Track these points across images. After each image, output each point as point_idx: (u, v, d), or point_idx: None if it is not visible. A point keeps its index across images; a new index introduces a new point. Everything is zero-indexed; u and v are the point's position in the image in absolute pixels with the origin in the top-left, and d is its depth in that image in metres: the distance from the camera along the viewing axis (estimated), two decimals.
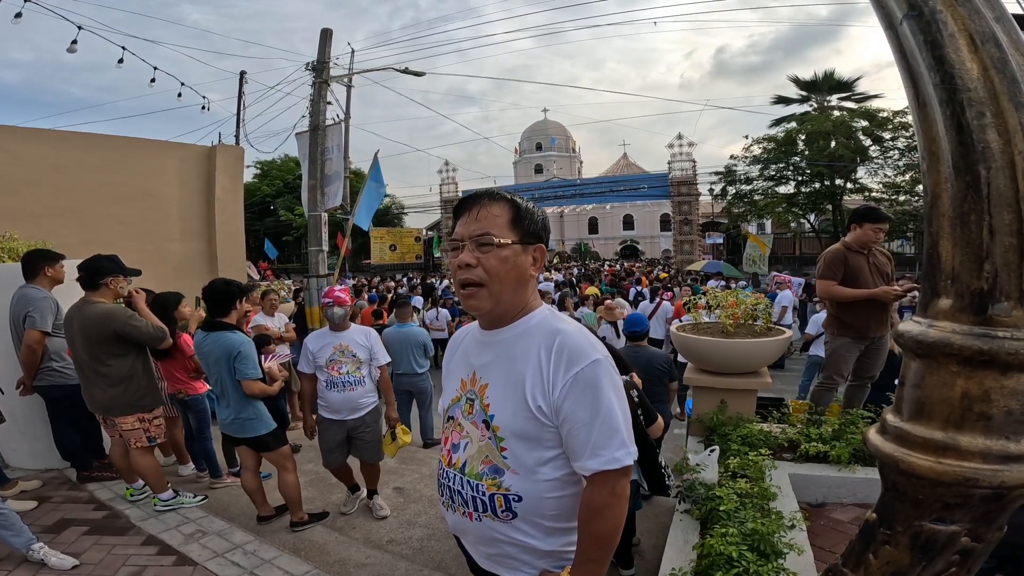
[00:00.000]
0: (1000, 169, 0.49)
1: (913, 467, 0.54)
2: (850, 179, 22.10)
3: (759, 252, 14.48)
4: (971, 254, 0.50)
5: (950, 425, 0.52)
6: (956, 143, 0.51)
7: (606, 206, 38.73)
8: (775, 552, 2.09)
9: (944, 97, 0.52)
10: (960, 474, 0.51)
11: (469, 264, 1.20)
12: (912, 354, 0.55)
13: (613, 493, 1.18)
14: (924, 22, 0.54)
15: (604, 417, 1.15)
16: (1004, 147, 0.49)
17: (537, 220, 1.27)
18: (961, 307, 0.51)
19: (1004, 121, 0.49)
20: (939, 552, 0.61)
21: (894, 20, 0.57)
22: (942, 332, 0.52)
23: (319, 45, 9.79)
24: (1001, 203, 0.48)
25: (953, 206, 0.51)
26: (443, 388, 1.44)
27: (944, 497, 0.55)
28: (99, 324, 3.32)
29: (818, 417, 3.63)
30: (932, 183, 0.53)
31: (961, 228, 0.51)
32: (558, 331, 1.21)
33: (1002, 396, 0.50)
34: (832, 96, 23.83)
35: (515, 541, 1.25)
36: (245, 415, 3.35)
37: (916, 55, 0.54)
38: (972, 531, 0.59)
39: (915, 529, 0.60)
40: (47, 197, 6.32)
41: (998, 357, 0.49)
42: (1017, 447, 0.50)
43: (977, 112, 0.50)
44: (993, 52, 0.51)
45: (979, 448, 0.51)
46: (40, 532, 2.98)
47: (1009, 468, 0.51)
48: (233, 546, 3.03)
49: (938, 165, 0.52)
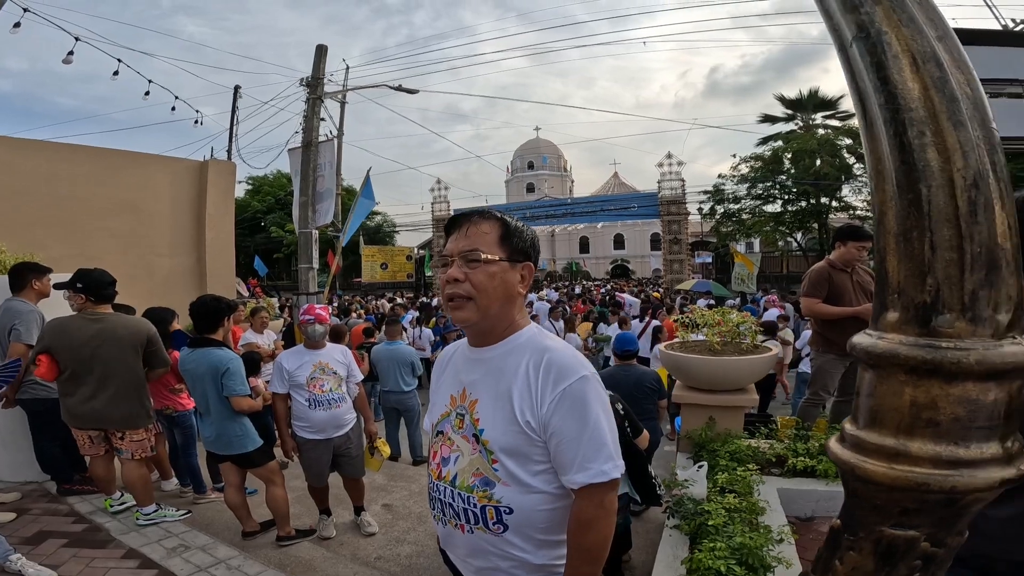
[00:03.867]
0: (940, 187, 0.51)
1: (869, 473, 0.56)
2: (835, 197, 22.44)
3: (747, 271, 14.63)
4: (915, 269, 0.53)
5: (901, 432, 0.54)
6: (899, 162, 0.54)
7: (597, 225, 39.02)
8: (764, 566, 2.10)
9: (888, 117, 0.55)
10: (912, 479, 0.53)
11: (457, 279, 1.23)
12: (864, 365, 0.58)
13: (601, 506, 1.20)
14: (871, 44, 0.57)
15: (591, 432, 1.18)
16: (943, 165, 0.52)
17: (526, 239, 1.30)
18: (907, 320, 0.54)
19: (943, 140, 0.52)
20: (901, 557, 0.62)
21: (845, 43, 0.61)
22: (890, 344, 0.54)
23: (314, 61, 9.91)
24: (941, 219, 0.51)
25: (897, 223, 0.54)
26: (431, 404, 1.45)
27: (900, 502, 0.57)
28: (136, 331, 3.41)
29: (805, 432, 3.66)
30: (879, 201, 0.56)
31: (905, 244, 0.53)
32: (546, 348, 1.24)
33: (948, 403, 0.52)
34: (817, 114, 24.27)
35: (506, 554, 1.25)
36: (232, 432, 3.33)
37: (864, 76, 0.57)
38: (931, 536, 0.61)
39: (876, 535, 0.61)
40: (36, 208, 6.29)
41: (942, 366, 0.51)
42: (966, 452, 0.53)
43: (918, 131, 0.53)
44: (934, 72, 0.53)
45: (929, 454, 0.53)
46: (18, 544, 2.94)
47: (959, 473, 0.53)
48: (217, 561, 2.99)
49: (883, 184, 0.55)
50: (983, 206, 0.52)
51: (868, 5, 0.57)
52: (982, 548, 1.26)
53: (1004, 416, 0.54)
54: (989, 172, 0.52)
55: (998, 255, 0.52)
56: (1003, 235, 0.52)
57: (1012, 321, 0.53)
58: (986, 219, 0.52)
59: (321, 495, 3.74)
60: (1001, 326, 0.53)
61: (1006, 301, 0.53)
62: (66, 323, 3.37)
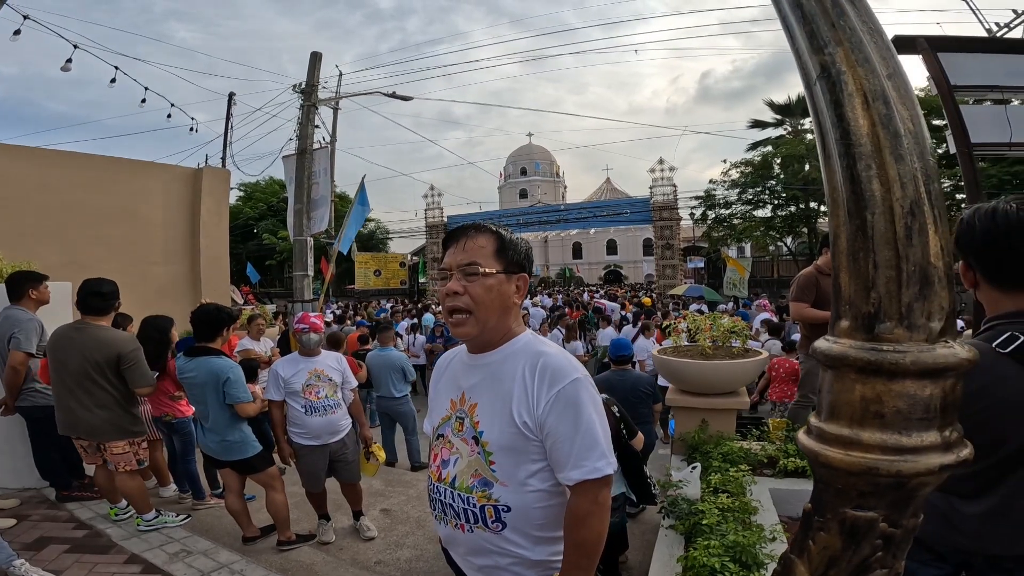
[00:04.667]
0: (882, 214, 0.60)
1: (829, 459, 0.65)
2: (824, 202, 22.69)
3: (739, 275, 14.78)
4: (861, 284, 0.62)
5: (854, 423, 0.63)
6: (850, 192, 0.62)
7: (590, 231, 39.19)
8: (757, 563, 2.17)
9: (842, 151, 0.63)
10: (864, 464, 0.62)
11: (456, 292, 1.30)
12: (824, 366, 0.67)
13: (596, 501, 1.26)
14: (831, 82, 0.65)
15: (585, 431, 1.24)
16: (885, 195, 0.60)
17: (520, 251, 1.38)
18: (856, 327, 0.63)
19: (886, 172, 0.60)
20: (863, 536, 0.69)
21: (810, 81, 0.69)
22: (843, 347, 0.63)
23: (308, 68, 9.97)
24: (882, 242, 0.60)
25: (847, 244, 0.63)
26: (430, 408, 1.52)
27: (857, 485, 0.65)
28: (105, 348, 3.34)
29: (796, 434, 3.74)
30: (833, 225, 0.65)
31: (854, 263, 0.62)
32: (541, 353, 1.32)
33: (891, 398, 0.61)
34: (805, 119, 24.60)
35: (505, 551, 1.31)
36: (232, 438, 3.38)
37: (823, 113, 0.65)
38: (888, 518, 0.68)
39: (841, 516, 0.69)
40: (28, 216, 6.26)
41: (883, 366, 0.60)
42: (908, 440, 0.61)
43: (865, 164, 0.61)
44: (881, 109, 0.61)
45: (877, 441, 0.61)
46: (20, 549, 2.98)
47: (904, 459, 0.61)
48: (219, 565, 3.04)
49: (837, 210, 0.64)
50: (918, 231, 0.60)
51: (831, 47, 0.65)
52: (959, 544, 1.34)
53: (940, 409, 0.62)
54: (924, 200, 0.61)
55: (931, 272, 0.61)
56: (935, 255, 0.61)
57: (944, 328, 0.62)
58: (920, 242, 0.61)
59: (319, 500, 3.78)
60: (934, 332, 0.61)
61: (939, 311, 0.61)
62: (58, 331, 3.44)
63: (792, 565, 0.75)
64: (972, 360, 0.62)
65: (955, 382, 0.63)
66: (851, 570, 0.69)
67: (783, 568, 0.77)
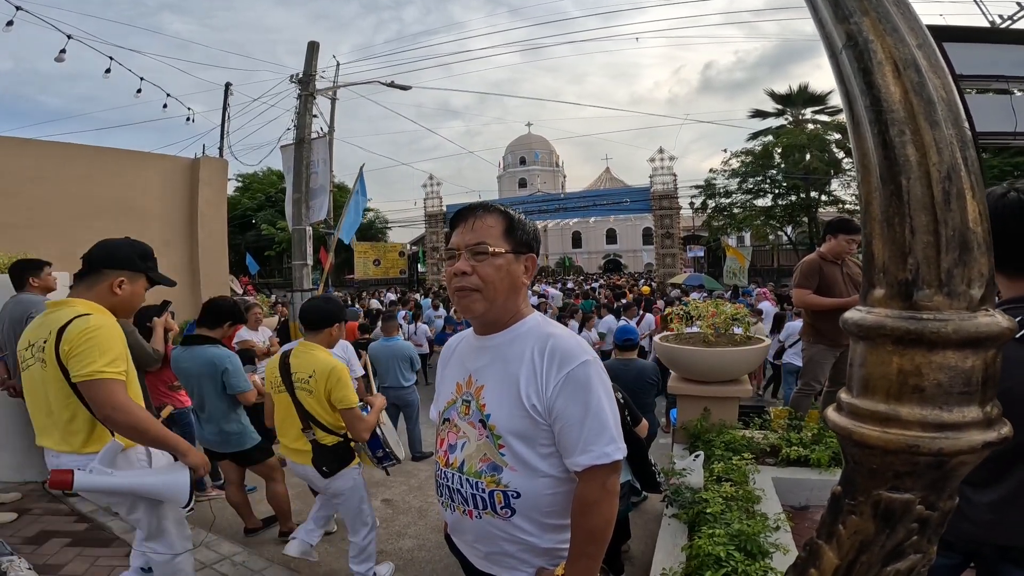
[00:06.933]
0: (918, 179, 0.58)
1: (864, 437, 0.61)
2: (824, 191, 22.68)
3: (739, 264, 14.75)
4: (897, 251, 0.59)
5: (891, 398, 0.60)
6: (882, 157, 0.60)
7: (589, 220, 39.15)
8: (761, 552, 2.15)
9: (872, 117, 0.61)
10: (903, 442, 0.59)
11: (465, 272, 1.26)
12: (855, 337, 0.64)
13: (604, 488, 1.24)
14: (859, 51, 0.63)
15: (594, 414, 1.22)
16: (921, 160, 0.58)
17: (529, 231, 1.35)
18: (891, 295, 0.60)
19: (921, 138, 0.58)
20: (899, 520, 0.66)
21: (836, 50, 0.66)
22: (878, 317, 0.60)
23: (306, 58, 9.87)
24: (919, 207, 0.58)
25: (881, 211, 0.60)
26: (436, 393, 1.49)
27: (894, 465, 0.62)
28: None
29: (798, 422, 3.74)
30: (865, 192, 0.62)
31: (888, 229, 0.59)
32: (550, 335, 1.29)
33: (931, 370, 0.58)
34: (807, 109, 24.53)
35: (513, 538, 1.29)
36: (230, 429, 3.36)
37: (851, 81, 0.63)
38: (925, 499, 0.65)
39: (875, 498, 0.66)
40: (25, 208, 6.24)
41: (923, 336, 0.57)
42: (950, 416, 0.58)
43: (899, 130, 0.59)
44: (913, 77, 0.59)
45: (917, 417, 0.58)
46: (21, 543, 2.97)
47: (945, 435, 0.58)
48: (221, 557, 3.02)
49: (869, 176, 0.61)
50: (956, 195, 0.58)
51: (857, 16, 0.63)
52: (969, 532, 1.32)
53: (981, 382, 0.59)
54: (961, 166, 0.58)
55: (969, 237, 0.58)
56: (974, 220, 0.58)
57: (984, 296, 0.59)
58: (958, 206, 0.58)
59: None
60: (975, 300, 0.59)
61: (978, 278, 0.59)
62: None
63: (819, 551, 0.72)
64: (1013, 330, 0.59)
65: (996, 353, 0.60)
66: (884, 555, 0.66)
67: (809, 554, 0.74)
